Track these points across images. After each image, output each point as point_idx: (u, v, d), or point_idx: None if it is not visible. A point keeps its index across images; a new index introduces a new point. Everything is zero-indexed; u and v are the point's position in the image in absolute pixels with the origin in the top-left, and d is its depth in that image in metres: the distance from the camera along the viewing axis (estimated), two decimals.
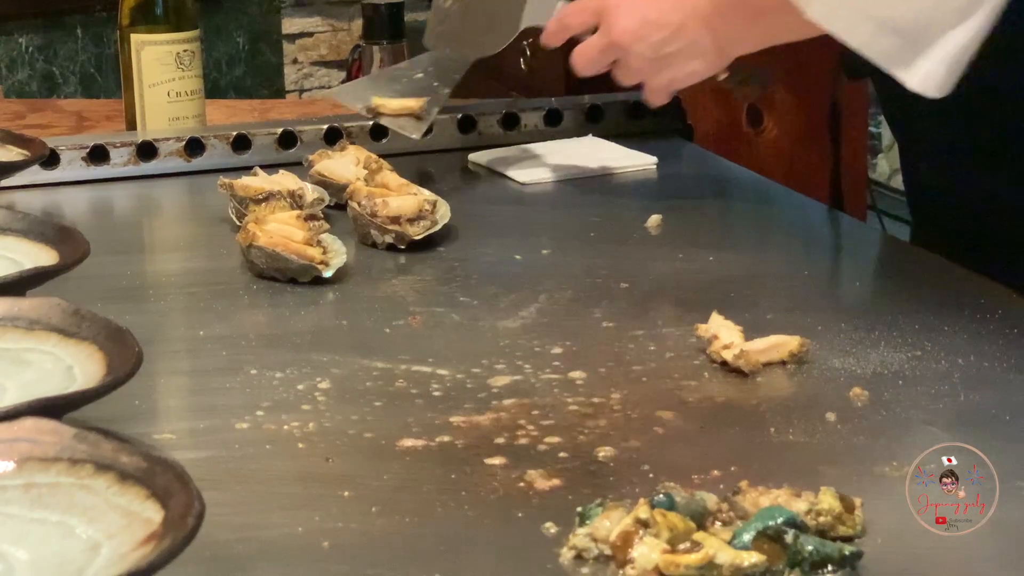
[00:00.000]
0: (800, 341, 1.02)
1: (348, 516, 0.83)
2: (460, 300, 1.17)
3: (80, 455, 0.72)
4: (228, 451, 0.91)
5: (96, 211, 1.50)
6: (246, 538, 0.80)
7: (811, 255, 1.37)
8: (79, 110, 1.99)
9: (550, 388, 0.99)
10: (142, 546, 0.65)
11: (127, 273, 1.26)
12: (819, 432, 0.92)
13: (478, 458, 0.89)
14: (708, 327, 1.04)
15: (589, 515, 0.78)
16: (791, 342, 1.02)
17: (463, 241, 1.31)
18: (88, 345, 0.89)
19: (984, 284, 1.17)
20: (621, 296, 1.17)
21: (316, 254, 1.19)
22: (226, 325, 1.13)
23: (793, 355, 1.02)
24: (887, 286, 1.18)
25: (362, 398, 0.98)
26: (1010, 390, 0.98)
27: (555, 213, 1.44)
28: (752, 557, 0.74)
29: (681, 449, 0.91)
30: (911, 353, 1.03)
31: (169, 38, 1.61)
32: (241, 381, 1.01)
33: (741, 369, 1.00)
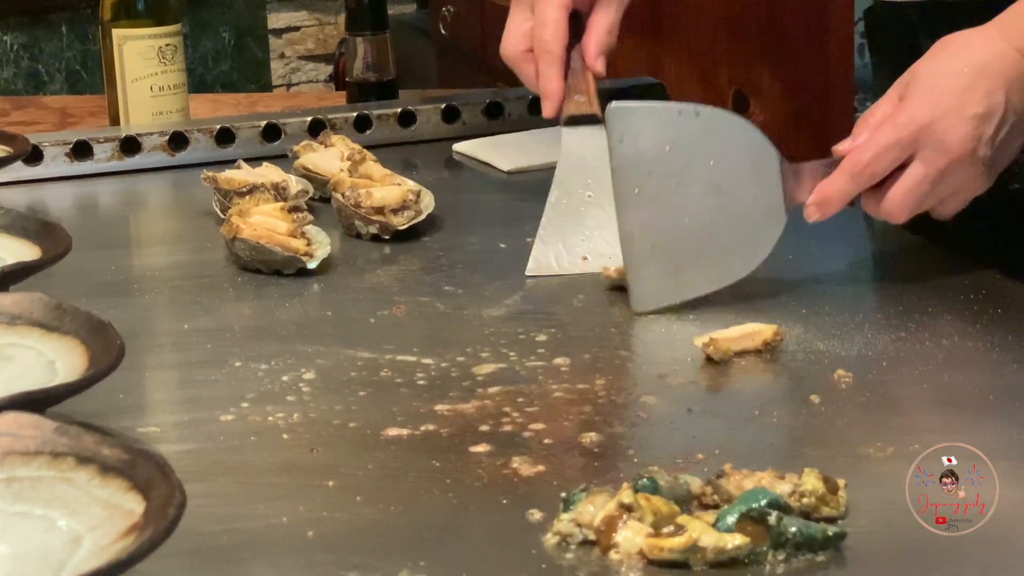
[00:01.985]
0: (775, 330, 1.01)
1: (333, 506, 0.83)
2: (445, 289, 1.17)
3: (61, 448, 0.72)
4: (213, 443, 0.91)
5: (80, 206, 1.50)
6: (231, 529, 0.80)
7: (796, 239, 1.37)
8: (63, 106, 1.99)
9: (535, 375, 0.99)
10: (123, 538, 0.65)
11: (111, 268, 1.26)
12: (803, 414, 0.92)
13: (463, 446, 0.89)
14: None
15: (573, 500, 0.78)
16: (766, 331, 1.01)
17: (448, 230, 1.31)
18: (70, 339, 0.89)
19: (968, 265, 1.17)
20: (605, 282, 1.17)
21: (300, 246, 1.19)
22: (211, 318, 1.13)
23: (767, 344, 1.01)
24: (872, 269, 1.18)
25: (347, 388, 0.98)
26: (994, 370, 0.98)
27: (539, 200, 1.43)
28: (736, 539, 0.74)
29: (666, 433, 0.92)
30: (895, 335, 1.03)
31: (151, 32, 1.61)
32: (226, 373, 1.01)
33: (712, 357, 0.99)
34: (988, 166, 1.10)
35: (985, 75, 1.09)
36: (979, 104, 1.08)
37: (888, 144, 1.08)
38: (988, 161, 1.09)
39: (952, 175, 1.09)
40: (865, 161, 1.09)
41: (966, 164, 1.09)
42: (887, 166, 1.09)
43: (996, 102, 1.08)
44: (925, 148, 1.08)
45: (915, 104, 1.09)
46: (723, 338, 1.00)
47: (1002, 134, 1.09)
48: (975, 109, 1.08)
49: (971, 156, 1.09)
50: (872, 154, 1.09)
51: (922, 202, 1.10)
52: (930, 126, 1.08)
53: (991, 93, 1.08)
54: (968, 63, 1.09)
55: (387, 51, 1.73)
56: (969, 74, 1.08)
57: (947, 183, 1.10)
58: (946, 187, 1.10)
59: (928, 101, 1.09)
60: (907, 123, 1.08)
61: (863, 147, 1.09)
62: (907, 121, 1.08)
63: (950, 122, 1.08)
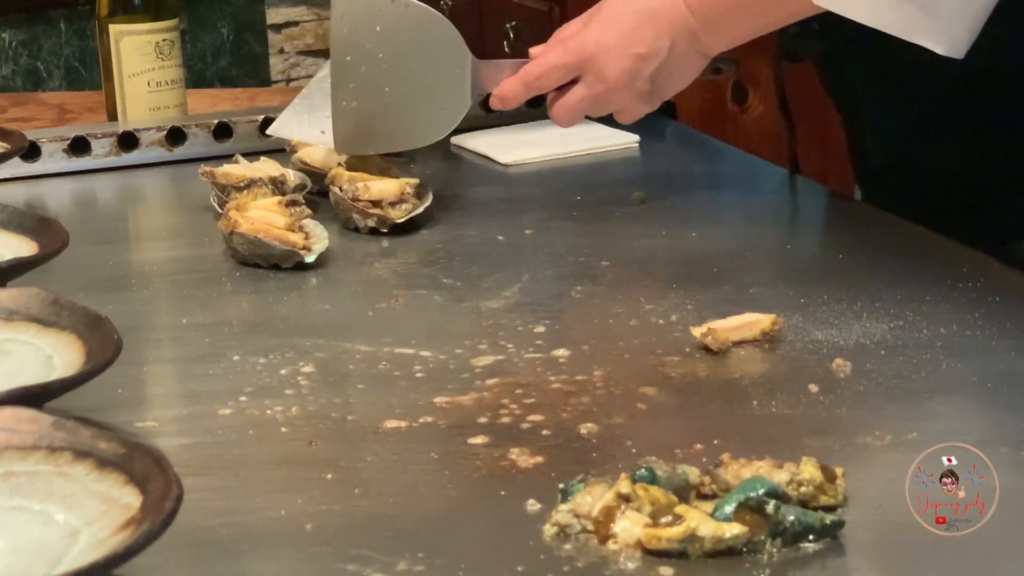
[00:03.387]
0: (772, 319, 1.02)
1: (331, 499, 0.83)
2: (443, 282, 1.17)
3: (58, 443, 0.72)
4: (211, 437, 0.91)
5: (79, 202, 1.50)
6: (229, 523, 0.80)
7: (794, 229, 1.37)
8: (61, 103, 1.99)
9: (533, 367, 0.99)
10: (121, 531, 0.65)
11: (110, 263, 1.26)
12: (802, 404, 0.92)
13: (461, 438, 0.89)
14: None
15: (571, 491, 0.78)
16: (763, 320, 1.01)
17: (445, 223, 1.31)
18: (68, 334, 0.89)
19: (966, 253, 1.17)
20: (604, 273, 1.17)
21: (298, 239, 1.19)
22: (209, 312, 1.13)
23: (765, 333, 1.01)
24: (870, 258, 1.18)
25: (345, 381, 0.98)
26: (992, 358, 0.98)
27: (538, 193, 1.44)
28: (734, 528, 0.74)
29: (664, 424, 0.91)
30: (893, 323, 1.03)
31: (148, 27, 1.61)
32: (224, 367, 1.01)
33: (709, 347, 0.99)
34: (649, 95, 1.28)
35: (655, 20, 1.24)
36: (643, 45, 1.24)
37: (556, 64, 1.28)
38: (647, 93, 1.27)
39: (611, 99, 1.28)
40: (535, 74, 1.29)
41: (623, 92, 1.27)
42: (555, 81, 1.29)
43: (660, 46, 1.25)
44: (588, 73, 1.27)
45: (588, 33, 1.27)
46: (721, 328, 1.00)
47: (663, 73, 1.26)
48: (638, 49, 1.25)
49: (627, 87, 1.26)
50: (542, 69, 1.29)
51: (581, 116, 1.30)
52: (594, 56, 1.26)
53: (657, 37, 1.24)
54: (644, 6, 1.25)
55: None
56: (641, 16, 1.25)
57: (607, 104, 1.29)
58: (607, 106, 1.29)
59: (598, 33, 1.26)
60: (575, 49, 1.27)
61: (538, 61, 1.29)
62: (576, 48, 1.27)
63: (612, 56, 1.25)
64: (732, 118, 2.48)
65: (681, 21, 1.24)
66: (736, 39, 1.28)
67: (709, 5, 1.24)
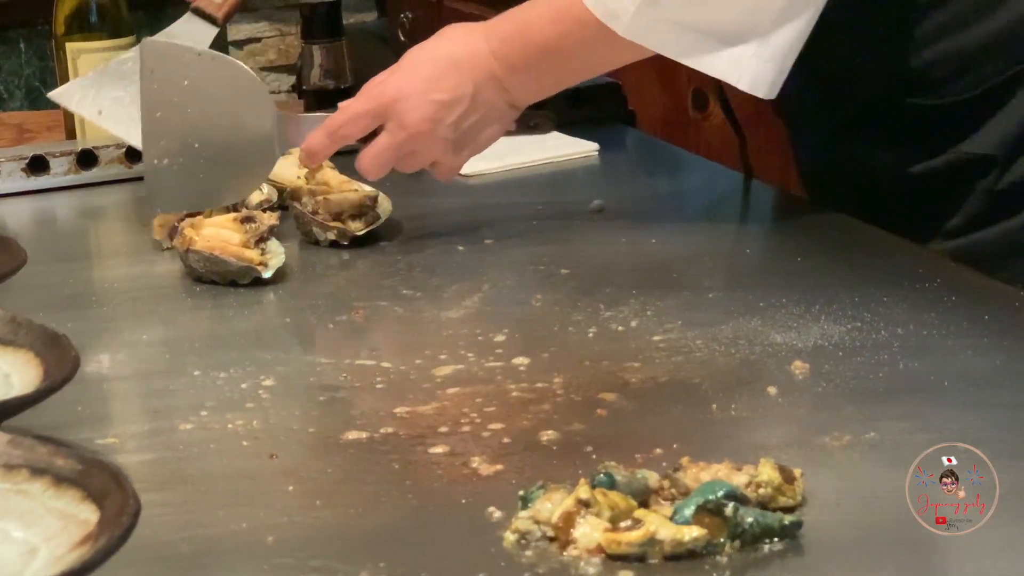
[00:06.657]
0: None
1: (292, 510, 0.83)
2: (403, 293, 1.17)
3: (15, 460, 0.72)
4: (173, 452, 0.91)
5: (38, 221, 1.49)
6: (190, 537, 0.80)
7: (753, 233, 1.38)
8: (20, 122, 1.98)
9: (493, 375, 0.99)
10: (78, 547, 0.65)
11: (69, 281, 1.25)
12: (761, 406, 0.93)
13: (422, 448, 0.89)
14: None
15: (531, 498, 0.78)
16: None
17: (406, 235, 1.31)
18: (25, 352, 0.88)
19: (922, 254, 1.18)
20: (564, 281, 1.18)
21: (255, 255, 1.19)
22: (169, 328, 1.13)
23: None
24: (828, 260, 1.19)
25: (306, 394, 0.98)
26: (948, 357, 0.99)
27: (497, 203, 1.44)
28: (693, 531, 0.74)
29: (624, 430, 0.92)
30: (851, 325, 1.04)
31: (105, 45, 1.60)
32: (185, 383, 1.01)
33: None
34: (455, 144, 1.25)
35: (458, 68, 1.23)
36: (444, 92, 1.23)
37: (359, 112, 1.25)
38: (452, 141, 1.25)
39: (415, 147, 1.25)
40: (338, 123, 1.26)
41: (427, 140, 1.24)
42: (359, 131, 1.26)
43: (462, 93, 1.23)
44: (390, 120, 1.24)
45: (391, 81, 1.25)
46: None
47: (469, 122, 1.24)
48: (439, 96, 1.23)
49: (430, 134, 1.24)
50: (345, 118, 1.26)
51: (387, 166, 1.26)
52: (395, 103, 1.24)
53: (459, 84, 1.23)
54: (447, 54, 1.24)
55: (343, 58, 1.73)
56: (443, 64, 1.24)
57: (413, 153, 1.25)
58: (413, 156, 1.26)
59: (400, 80, 1.24)
60: (377, 96, 1.25)
61: (341, 111, 1.26)
62: (378, 95, 1.25)
63: (413, 103, 1.23)
64: (694, 125, 2.48)
65: (485, 68, 1.23)
66: (543, 89, 1.27)
67: (514, 52, 1.23)
